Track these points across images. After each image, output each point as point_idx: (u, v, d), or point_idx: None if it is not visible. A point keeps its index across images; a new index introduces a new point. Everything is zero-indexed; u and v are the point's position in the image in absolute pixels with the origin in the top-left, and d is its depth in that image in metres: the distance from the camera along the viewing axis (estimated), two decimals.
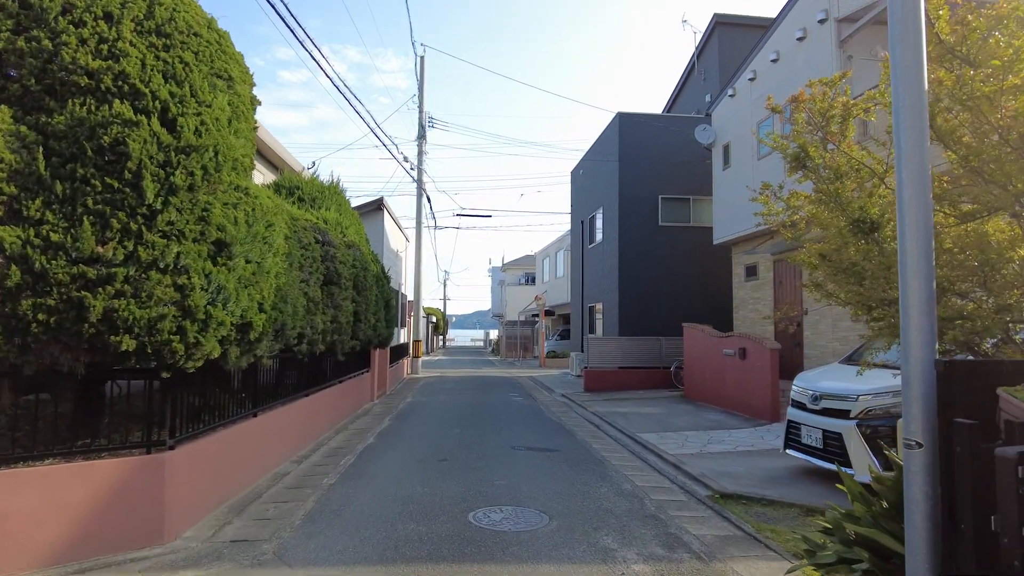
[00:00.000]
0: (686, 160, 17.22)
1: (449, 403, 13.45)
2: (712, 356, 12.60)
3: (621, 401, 13.42)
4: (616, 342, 15.95)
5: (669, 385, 15.48)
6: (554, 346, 31.39)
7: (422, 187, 21.59)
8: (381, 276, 12.31)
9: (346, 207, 11.57)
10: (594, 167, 19.88)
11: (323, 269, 8.22)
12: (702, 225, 17.11)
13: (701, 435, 9.28)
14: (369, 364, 13.26)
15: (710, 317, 16.44)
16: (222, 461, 5.57)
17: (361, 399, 12.42)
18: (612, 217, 17.37)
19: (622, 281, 16.60)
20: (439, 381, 19.27)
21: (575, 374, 20.01)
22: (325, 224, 9.48)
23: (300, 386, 8.30)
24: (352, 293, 9.34)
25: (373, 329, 10.59)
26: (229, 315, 4.57)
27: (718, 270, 16.92)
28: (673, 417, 11.09)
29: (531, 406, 13.16)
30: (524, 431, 9.77)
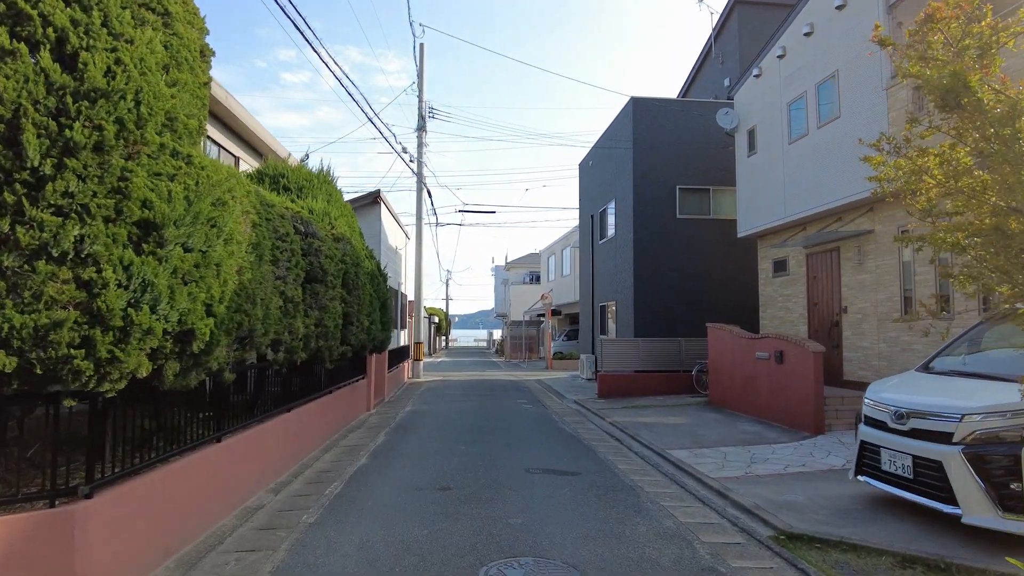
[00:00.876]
0: (705, 148, 16.06)
1: (452, 412, 12.32)
2: (742, 360, 11.45)
3: (641, 409, 12.27)
4: (632, 344, 14.80)
5: (690, 390, 14.33)
6: (561, 347, 30.24)
7: (422, 181, 20.47)
8: (377, 274, 11.18)
9: (337, 197, 10.45)
10: (605, 157, 18.73)
11: (304, 264, 7.10)
12: (723, 217, 15.95)
13: (740, 452, 8.13)
14: (365, 370, 12.13)
15: (733, 316, 15.29)
16: (170, 502, 4.44)
17: (356, 410, 11.29)
18: (626, 210, 16.23)
19: (637, 278, 15.46)
20: (442, 386, 18.15)
21: (585, 377, 18.87)
22: (310, 214, 8.36)
23: (280, 400, 7.17)
24: (341, 292, 8.22)
25: (367, 333, 9.47)
26: (160, 320, 3.44)
27: (742, 266, 15.77)
28: (703, 429, 9.94)
29: (542, 415, 12.02)
30: (538, 447, 8.64)
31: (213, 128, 10.99)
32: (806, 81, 11.52)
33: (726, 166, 16.05)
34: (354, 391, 11.09)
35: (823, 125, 11.00)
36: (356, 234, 10.73)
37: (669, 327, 15.40)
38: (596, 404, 13.22)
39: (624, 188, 16.39)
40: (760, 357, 10.74)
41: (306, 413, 7.95)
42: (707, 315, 15.50)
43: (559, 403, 14.02)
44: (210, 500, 5.09)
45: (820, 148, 11.09)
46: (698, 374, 14.21)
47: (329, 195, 10.20)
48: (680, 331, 15.30)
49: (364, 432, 9.96)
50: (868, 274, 10.43)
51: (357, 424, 10.75)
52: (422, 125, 20.54)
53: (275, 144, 10.77)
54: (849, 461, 7.34)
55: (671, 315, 15.48)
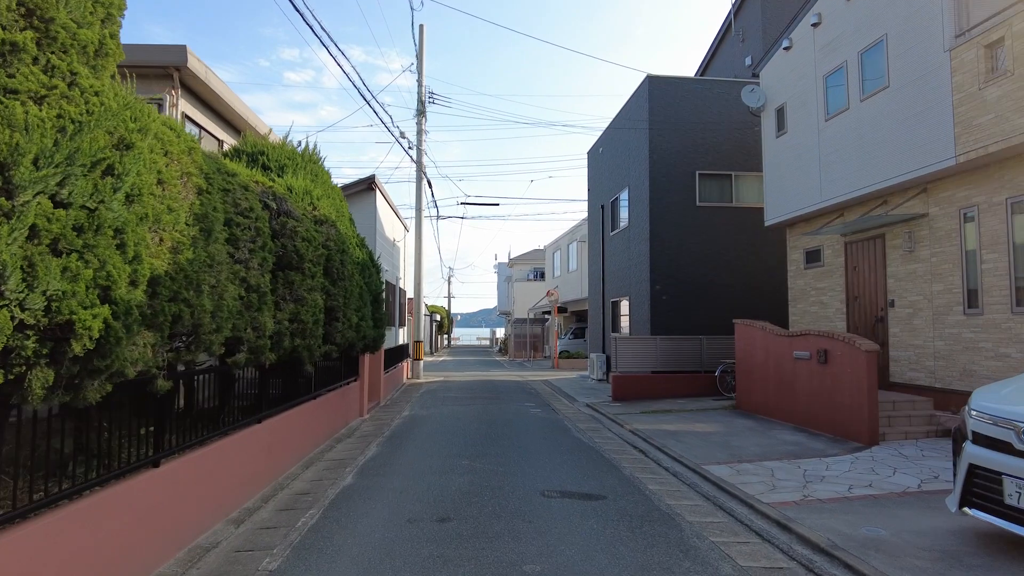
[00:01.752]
0: (727, 130, 14.89)
1: (454, 417, 11.18)
2: (777, 360, 10.29)
3: (662, 415, 11.12)
4: (649, 342, 13.64)
5: (713, 393, 13.17)
6: (567, 345, 29.10)
7: (422, 170, 19.32)
8: (369, 265, 10.05)
9: (323, 178, 9.32)
10: (617, 142, 17.56)
11: (276, 248, 5.96)
12: (746, 205, 14.78)
13: (789, 467, 6.97)
14: (357, 372, 11.00)
15: (759, 312, 14.12)
16: (80, 552, 3.31)
17: (347, 416, 10.16)
18: (641, 197, 15.06)
19: (654, 271, 14.30)
20: (443, 387, 17.01)
21: (596, 378, 17.72)
22: (289, 193, 7.23)
23: (250, 410, 6.05)
24: (323, 282, 7.08)
25: (355, 330, 8.32)
26: (8, 307, 2.29)
27: (768, 257, 14.61)
28: (737, 438, 8.78)
29: (553, 421, 10.87)
30: (552, 461, 7.49)
31: (191, 106, 9.89)
32: (846, 50, 10.34)
33: (750, 149, 14.88)
34: (344, 395, 9.96)
35: (867, 97, 9.82)
36: (345, 220, 9.60)
37: (688, 324, 14.24)
38: (611, 408, 12.07)
39: (639, 174, 15.23)
40: (799, 357, 9.57)
41: (283, 423, 6.81)
42: (730, 311, 14.35)
43: (570, 407, 12.88)
44: (142, 542, 3.95)
45: (864, 123, 9.92)
46: (722, 375, 13.05)
47: (315, 176, 9.08)
48: (700, 328, 14.14)
49: (354, 442, 8.83)
50: (920, 263, 9.26)
51: (347, 432, 9.61)
52: (421, 110, 19.39)
53: (254, 119, 9.65)
54: (925, 481, 6.20)
55: (690, 311, 14.32)
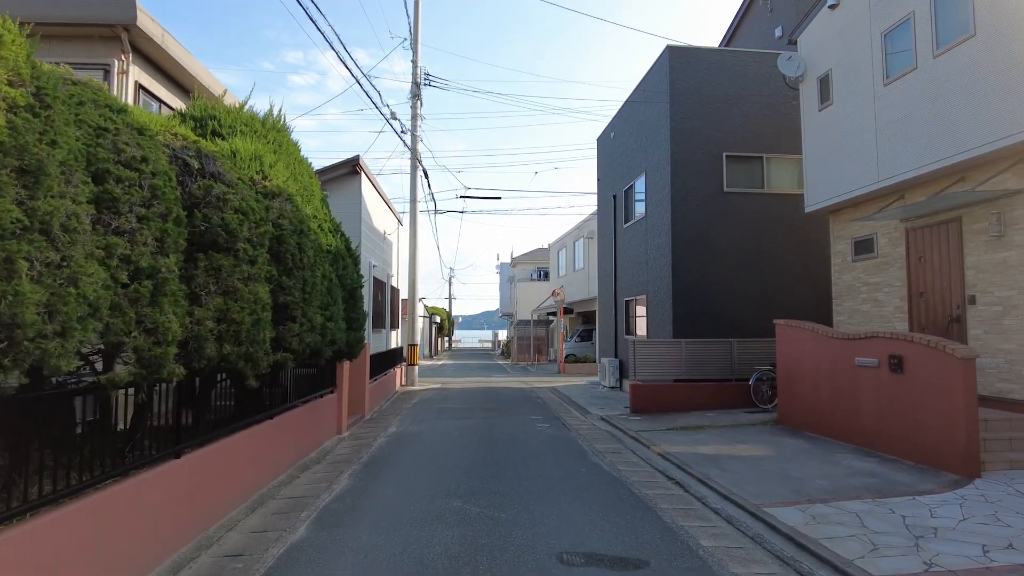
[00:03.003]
0: (758, 107, 13.25)
1: (447, 436, 9.55)
2: (832, 367, 8.64)
3: (693, 432, 9.47)
4: (672, 346, 12.00)
5: (746, 403, 11.52)
6: (573, 349, 27.45)
7: (417, 158, 17.70)
8: (345, 255, 8.43)
9: (289, 149, 7.72)
10: (633, 124, 15.93)
11: (196, 220, 4.35)
12: (779, 191, 13.13)
13: (878, 511, 5.32)
14: (334, 382, 9.38)
15: (796, 310, 12.47)
16: None
17: (319, 434, 8.54)
18: (660, 183, 13.43)
19: (676, 266, 12.65)
20: (439, 396, 15.38)
21: (608, 385, 16.08)
22: (233, 158, 5.63)
23: (163, 442, 4.43)
24: (270, 271, 5.46)
25: (320, 333, 6.68)
26: None
27: (806, 249, 12.97)
28: (794, 465, 7.13)
29: (566, 440, 9.23)
30: (570, 503, 5.84)
31: (147, 75, 8.36)
32: None
33: (783, 128, 13.24)
34: (315, 411, 8.34)
35: (943, 52, 8.17)
36: (316, 200, 7.99)
37: (715, 326, 12.59)
38: (631, 423, 10.42)
39: (658, 157, 13.59)
40: (863, 364, 7.93)
41: (217, 456, 5.19)
42: (763, 310, 12.70)
43: (583, 421, 11.23)
44: None
45: (939, 83, 8.27)
46: (757, 384, 11.40)
47: (278, 145, 7.48)
48: (729, 330, 12.50)
49: (324, 470, 7.20)
50: (1014, 250, 7.60)
51: (319, 456, 7.99)
52: (416, 92, 17.78)
53: (207, 77, 8.05)
54: None
55: (718, 311, 12.67)
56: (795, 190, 13.12)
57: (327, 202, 8.56)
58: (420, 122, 17.92)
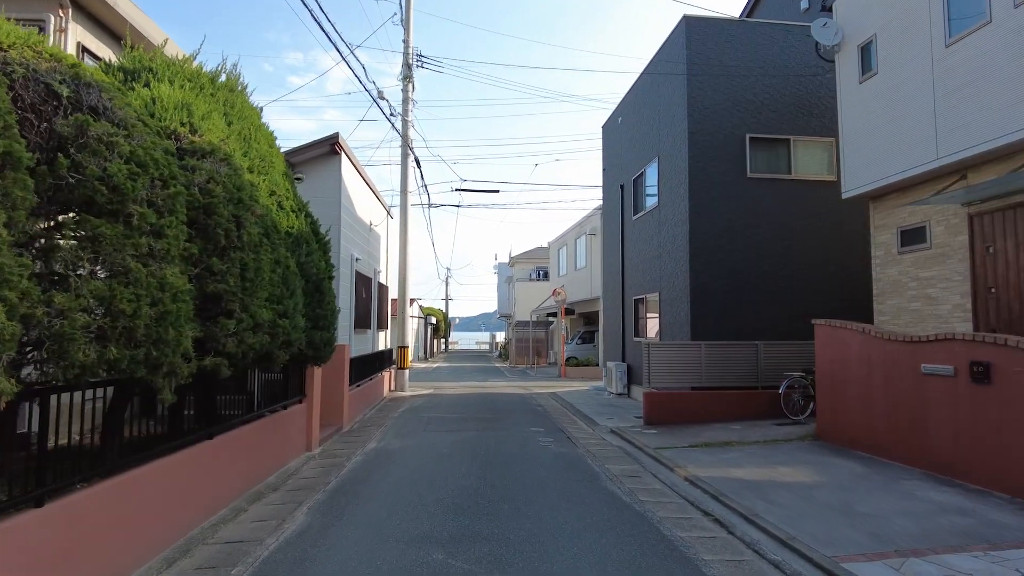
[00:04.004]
0: (784, 84, 11.96)
1: (435, 454, 8.21)
2: (888, 374, 7.33)
3: (720, 449, 8.14)
4: (690, 350, 10.67)
5: (775, 413, 10.20)
6: (574, 351, 26.12)
7: (408, 145, 16.37)
8: (310, 240, 7.09)
9: (245, 114, 6.38)
10: (644, 106, 14.63)
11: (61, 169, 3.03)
12: (808, 177, 11.83)
13: (1003, 573, 3.99)
14: (303, 390, 8.04)
15: (827, 309, 11.19)
16: None
17: (281, 453, 7.19)
18: (676, 169, 12.11)
19: (695, 260, 11.33)
20: (430, 403, 14.03)
21: (614, 391, 14.75)
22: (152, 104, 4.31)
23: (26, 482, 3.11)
24: (189, 248, 4.11)
25: (269, 332, 5.32)
26: None
27: (839, 241, 11.68)
28: (856, 496, 5.80)
29: (573, 460, 7.89)
30: (586, 552, 4.49)
31: (91, 35, 7.05)
32: None
33: (812, 107, 11.95)
34: (277, 426, 6.99)
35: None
36: (276, 173, 6.66)
37: (738, 327, 11.27)
38: (647, 438, 9.09)
39: (673, 140, 12.28)
40: (933, 372, 6.61)
41: (109, 498, 3.85)
42: (792, 309, 11.40)
43: (591, 434, 9.89)
44: None
45: (992, 48, 6.98)
46: (787, 392, 10.07)
47: (230, 107, 6.16)
48: (753, 332, 11.19)
49: (279, 500, 5.86)
50: None
51: (278, 480, 6.64)
52: (407, 74, 16.46)
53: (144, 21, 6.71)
54: None
55: (741, 310, 11.35)
56: (824, 176, 11.83)
57: (291, 177, 7.23)
58: (412, 106, 16.59)
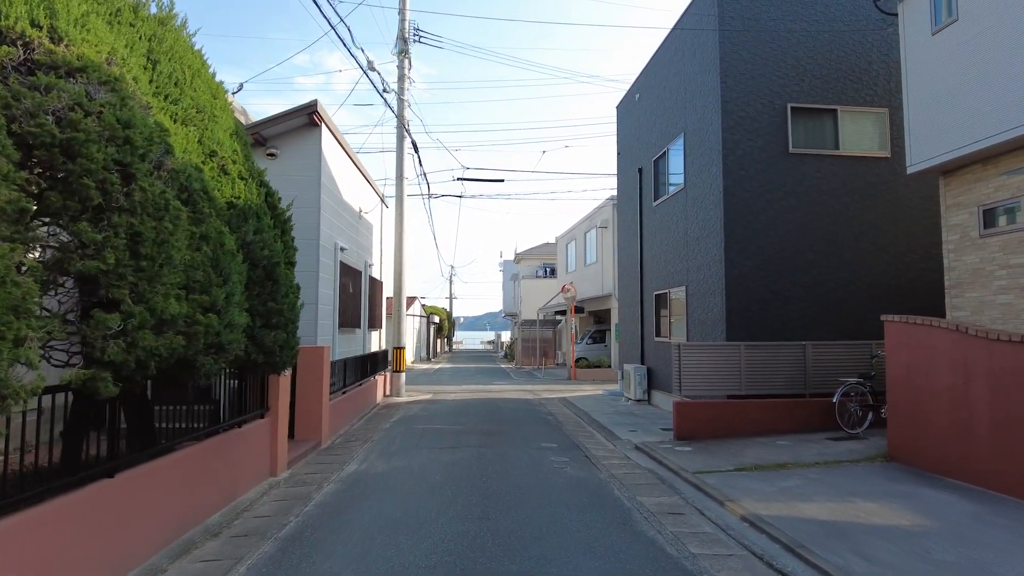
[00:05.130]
0: (828, 46, 10.46)
1: (425, 483, 6.77)
2: (999, 384, 5.84)
3: (773, 473, 6.65)
4: (728, 352, 9.19)
5: (827, 425, 8.72)
6: (584, 352, 24.66)
7: (405, 127, 14.93)
8: (262, 214, 5.64)
9: (181, 55, 4.95)
10: (667, 77, 13.15)
11: None
12: (858, 153, 10.33)
13: None
14: (264, 402, 6.61)
15: (885, 303, 9.74)
16: None
17: (232, 483, 5.75)
18: (707, 144, 10.63)
19: (730, 248, 9.84)
20: (426, 411, 12.60)
21: (633, 398, 13.28)
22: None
23: None
24: (18, 202, 2.67)
25: (185, 332, 3.85)
26: None
27: (896, 225, 10.19)
28: (987, 552, 4.32)
29: (597, 490, 6.42)
30: None
31: None
32: None
33: (861, 72, 10.44)
34: (229, 448, 5.56)
35: None
36: (219, 129, 5.24)
37: (780, 325, 9.79)
38: (681, 457, 7.62)
39: (703, 111, 10.79)
40: None
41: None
42: (842, 304, 9.92)
43: (612, 451, 8.43)
44: None
45: None
46: (843, 401, 8.58)
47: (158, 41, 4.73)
48: (797, 330, 9.71)
49: (213, 553, 4.43)
50: None
51: (223, 519, 5.22)
52: (404, 48, 15.02)
53: None
54: None
55: (782, 306, 9.86)
56: (875, 152, 10.34)
57: (243, 140, 5.79)
58: (408, 84, 15.15)
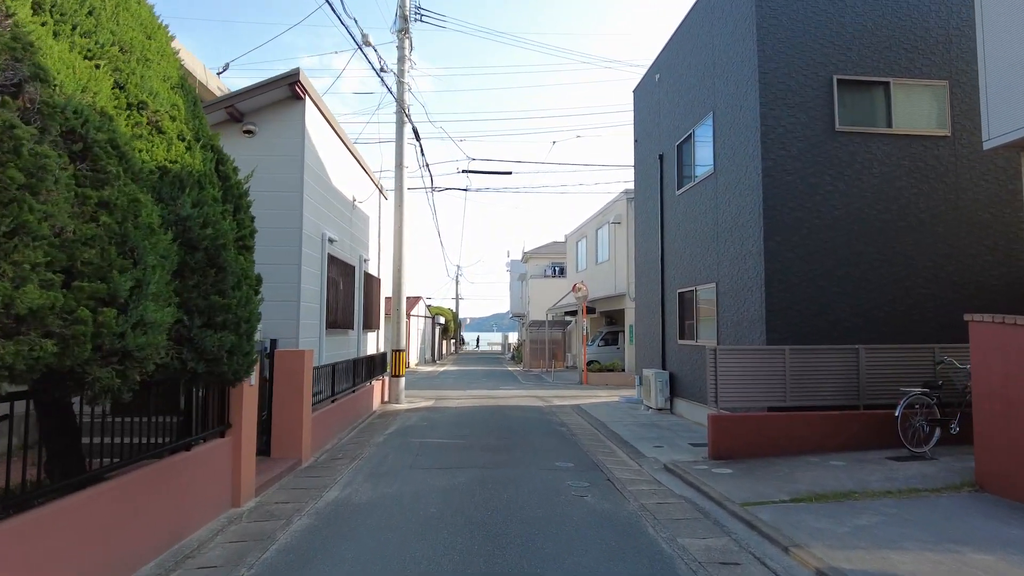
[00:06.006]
0: (881, 7, 9.26)
1: (419, 518, 5.64)
2: None
3: (838, 505, 5.47)
4: (771, 358, 8.00)
5: (883, 441, 7.53)
6: (596, 354, 23.49)
7: (405, 112, 13.83)
8: (208, 182, 4.50)
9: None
10: (695, 49, 11.98)
11: None
12: (913, 132, 9.12)
13: None
14: (226, 418, 5.50)
15: (945, 301, 8.56)
16: None
17: (179, 521, 4.63)
18: (741, 123, 9.45)
19: (770, 238, 8.66)
20: (426, 420, 11.48)
21: (653, 406, 12.11)
22: None
23: None
24: None
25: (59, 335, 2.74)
26: None
27: (958, 213, 8.99)
28: None
29: (627, 529, 5.26)
30: None
31: None
32: None
33: (916, 39, 9.25)
34: (173, 477, 4.45)
35: None
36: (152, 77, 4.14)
37: (826, 326, 8.61)
38: (720, 481, 6.45)
39: (738, 86, 9.61)
40: None
41: None
42: (896, 302, 8.73)
43: (638, 473, 7.27)
44: None
45: None
46: (906, 414, 7.39)
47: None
48: (846, 332, 8.53)
49: None
50: None
51: (158, 573, 4.10)
52: (404, 27, 13.93)
53: None
54: None
55: (830, 305, 8.67)
56: (933, 130, 9.13)
57: (191, 94, 4.68)
58: (409, 66, 14.06)
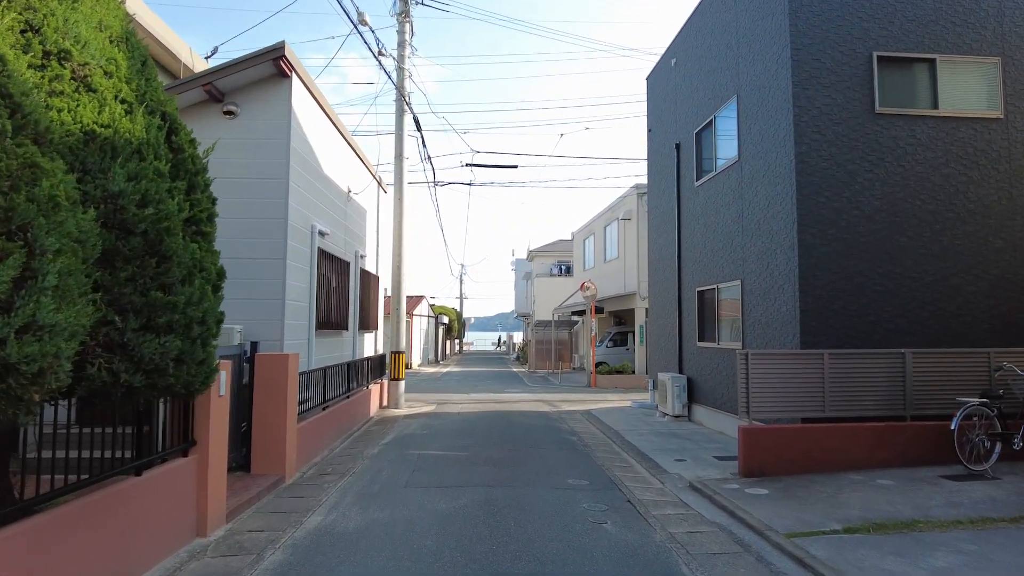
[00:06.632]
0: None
1: (413, 551, 4.87)
2: None
3: (907, 539, 4.67)
4: (807, 363, 7.19)
5: (934, 457, 6.73)
6: (605, 356, 22.70)
7: (405, 100, 13.07)
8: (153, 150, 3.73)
9: None
10: (715, 29, 11.18)
11: None
12: (961, 114, 8.30)
13: None
14: (190, 434, 4.74)
15: (1007, 301, 7.76)
16: None
17: (127, 556, 3.86)
18: (771, 105, 8.65)
19: (804, 231, 7.86)
20: (426, 429, 10.71)
21: (670, 413, 11.31)
22: None
23: None
24: None
25: None
26: None
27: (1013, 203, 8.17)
28: None
29: (658, 571, 4.48)
30: None
31: None
32: None
33: (964, 11, 8.41)
34: (126, 504, 3.69)
35: None
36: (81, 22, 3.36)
37: (866, 328, 7.80)
38: (756, 504, 5.65)
39: (766, 64, 8.81)
40: None
41: None
42: (943, 301, 7.92)
43: (661, 493, 6.48)
44: None
45: None
46: (963, 427, 6.58)
47: None
48: (887, 335, 7.72)
49: None
50: None
51: None
52: (405, 10, 13.18)
53: None
54: None
55: (870, 304, 7.86)
56: (983, 112, 8.32)
57: (138, 51, 3.92)
58: (410, 51, 13.31)
